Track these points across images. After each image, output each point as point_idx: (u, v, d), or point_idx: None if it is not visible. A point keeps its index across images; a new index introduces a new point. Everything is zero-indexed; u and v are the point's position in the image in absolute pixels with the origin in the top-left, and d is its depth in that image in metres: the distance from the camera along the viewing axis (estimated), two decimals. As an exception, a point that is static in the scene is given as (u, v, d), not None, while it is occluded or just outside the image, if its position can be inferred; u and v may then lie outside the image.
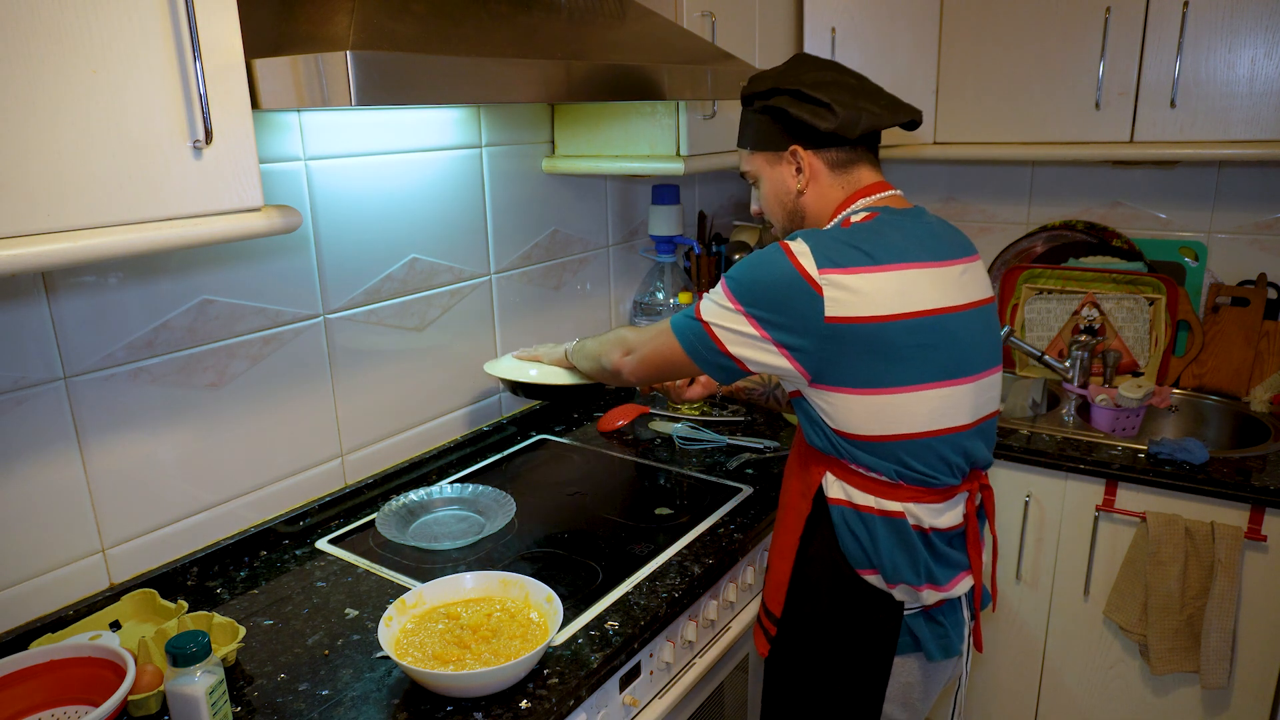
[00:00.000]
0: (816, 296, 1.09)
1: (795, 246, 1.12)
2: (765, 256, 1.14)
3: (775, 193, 1.29)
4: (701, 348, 1.18)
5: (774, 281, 1.11)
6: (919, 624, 1.22)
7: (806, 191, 1.26)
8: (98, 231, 0.88)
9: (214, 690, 0.99)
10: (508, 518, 1.52)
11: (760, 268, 1.13)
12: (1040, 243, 2.43)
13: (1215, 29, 1.87)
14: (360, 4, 1.04)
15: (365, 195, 1.56)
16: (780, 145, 1.25)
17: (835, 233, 1.15)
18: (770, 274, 1.12)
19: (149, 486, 1.32)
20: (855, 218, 1.20)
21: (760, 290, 1.13)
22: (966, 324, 1.18)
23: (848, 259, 1.11)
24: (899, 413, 1.14)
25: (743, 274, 1.15)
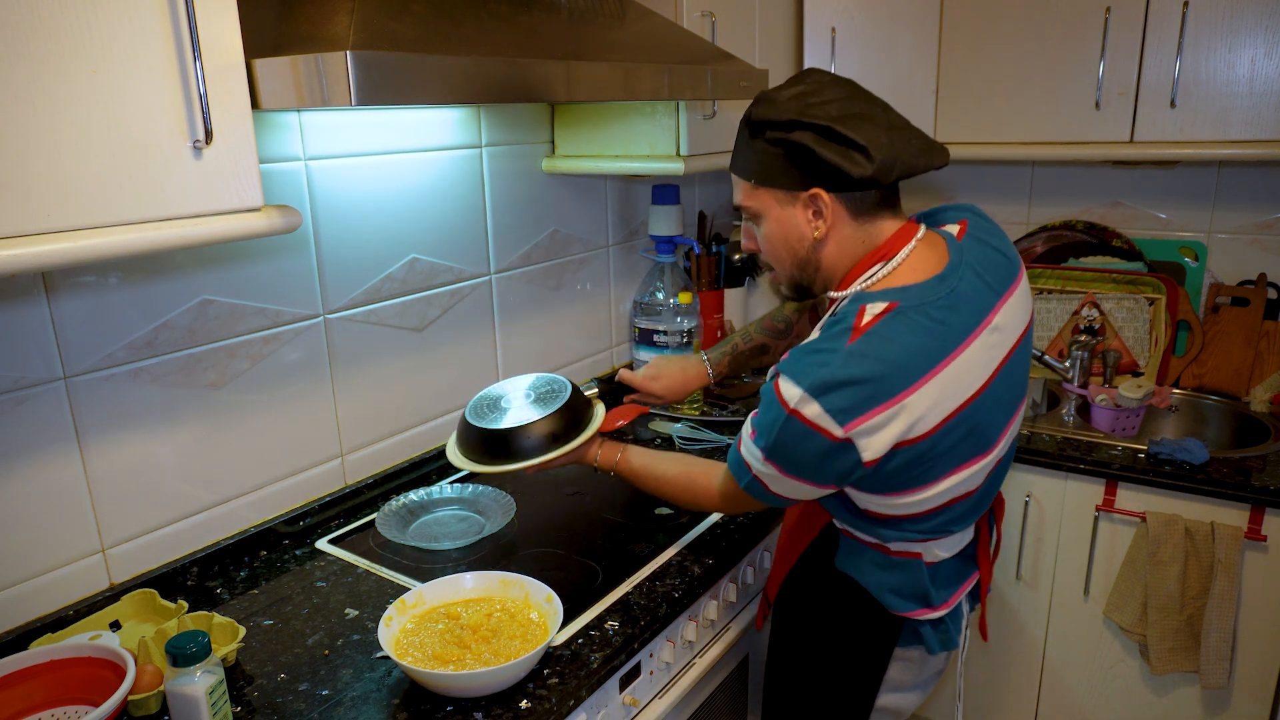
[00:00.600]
0: (850, 448, 1.02)
1: (808, 411, 1.01)
2: (785, 428, 1.04)
3: (785, 237, 1.14)
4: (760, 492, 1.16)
5: (806, 452, 1.05)
6: (921, 623, 1.23)
7: (826, 241, 1.11)
8: (98, 231, 0.88)
9: (214, 690, 0.99)
10: (508, 518, 1.52)
11: (786, 439, 1.05)
12: (1040, 243, 2.43)
13: (1215, 29, 1.87)
14: (360, 4, 1.04)
15: (365, 195, 1.56)
16: (797, 185, 1.09)
17: (843, 363, 1.01)
18: (799, 447, 1.05)
19: (149, 486, 1.32)
20: (870, 311, 1.04)
21: (794, 459, 1.07)
22: (1000, 387, 1.10)
23: (864, 401, 1.01)
24: (930, 498, 1.11)
25: (771, 443, 1.07)
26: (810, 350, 1.05)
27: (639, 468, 1.40)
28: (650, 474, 1.38)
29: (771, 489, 1.13)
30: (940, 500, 1.12)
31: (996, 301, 1.10)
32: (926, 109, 2.22)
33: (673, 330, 2.14)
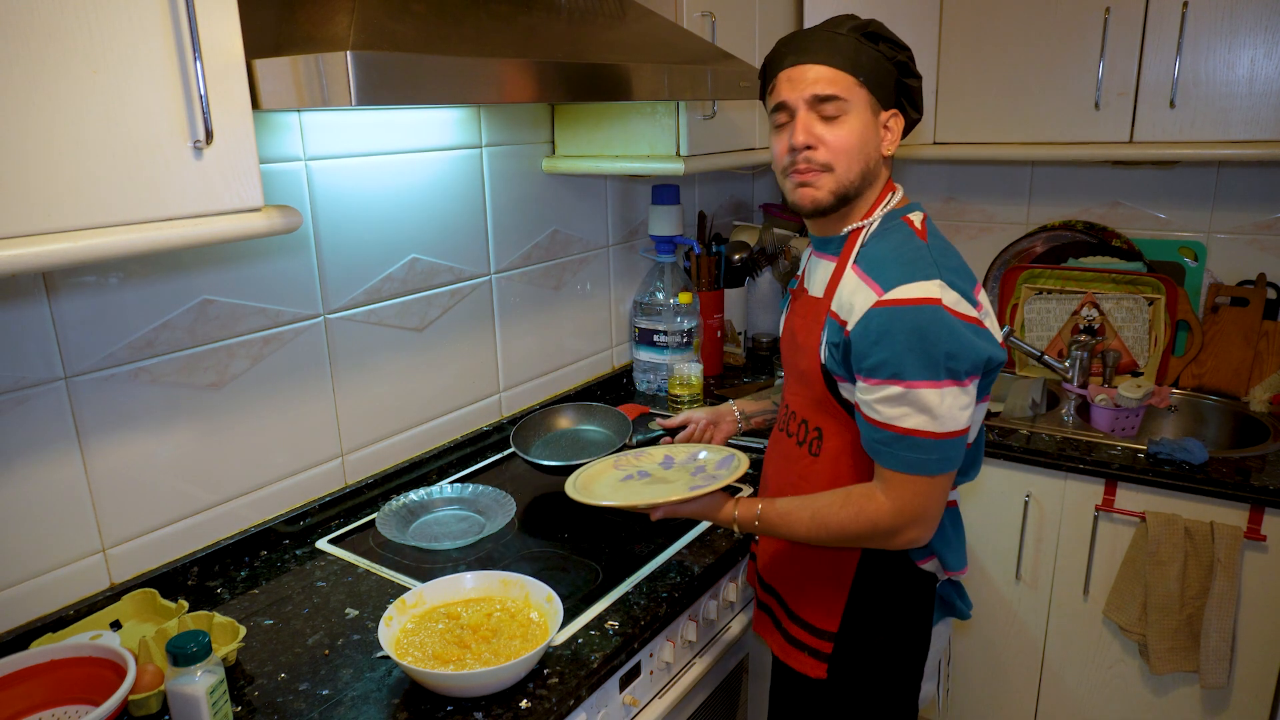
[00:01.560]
0: (984, 332, 1.11)
1: (948, 298, 1.07)
2: (943, 328, 1.06)
3: (864, 140, 1.15)
4: (960, 451, 1.13)
5: (972, 343, 1.08)
6: (948, 591, 1.28)
7: (884, 160, 1.20)
8: (98, 231, 0.88)
9: (214, 690, 0.99)
10: (508, 518, 1.52)
11: (952, 340, 1.06)
12: (1040, 243, 2.43)
13: (1215, 29, 1.87)
14: (360, 4, 1.04)
15: (365, 195, 1.56)
16: (890, 100, 1.17)
17: (940, 254, 1.13)
18: (964, 339, 1.07)
19: (149, 486, 1.32)
20: (915, 219, 1.18)
21: (972, 358, 1.08)
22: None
23: (968, 284, 1.13)
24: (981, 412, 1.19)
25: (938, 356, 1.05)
26: (903, 259, 1.11)
27: (783, 508, 1.21)
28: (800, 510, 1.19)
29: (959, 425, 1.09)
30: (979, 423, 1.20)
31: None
32: (926, 109, 2.22)
33: (673, 330, 2.14)
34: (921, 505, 1.13)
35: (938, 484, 1.12)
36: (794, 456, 1.28)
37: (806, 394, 1.25)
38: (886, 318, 1.07)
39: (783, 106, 1.16)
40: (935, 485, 1.12)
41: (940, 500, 1.14)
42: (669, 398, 2.08)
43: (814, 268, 1.27)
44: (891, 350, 1.06)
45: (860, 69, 1.13)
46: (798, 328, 1.25)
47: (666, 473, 1.41)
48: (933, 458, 1.10)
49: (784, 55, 1.17)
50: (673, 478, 1.38)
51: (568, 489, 1.33)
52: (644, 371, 2.22)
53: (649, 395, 2.20)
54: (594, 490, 1.35)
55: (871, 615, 1.24)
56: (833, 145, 1.14)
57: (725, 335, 2.39)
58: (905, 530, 1.14)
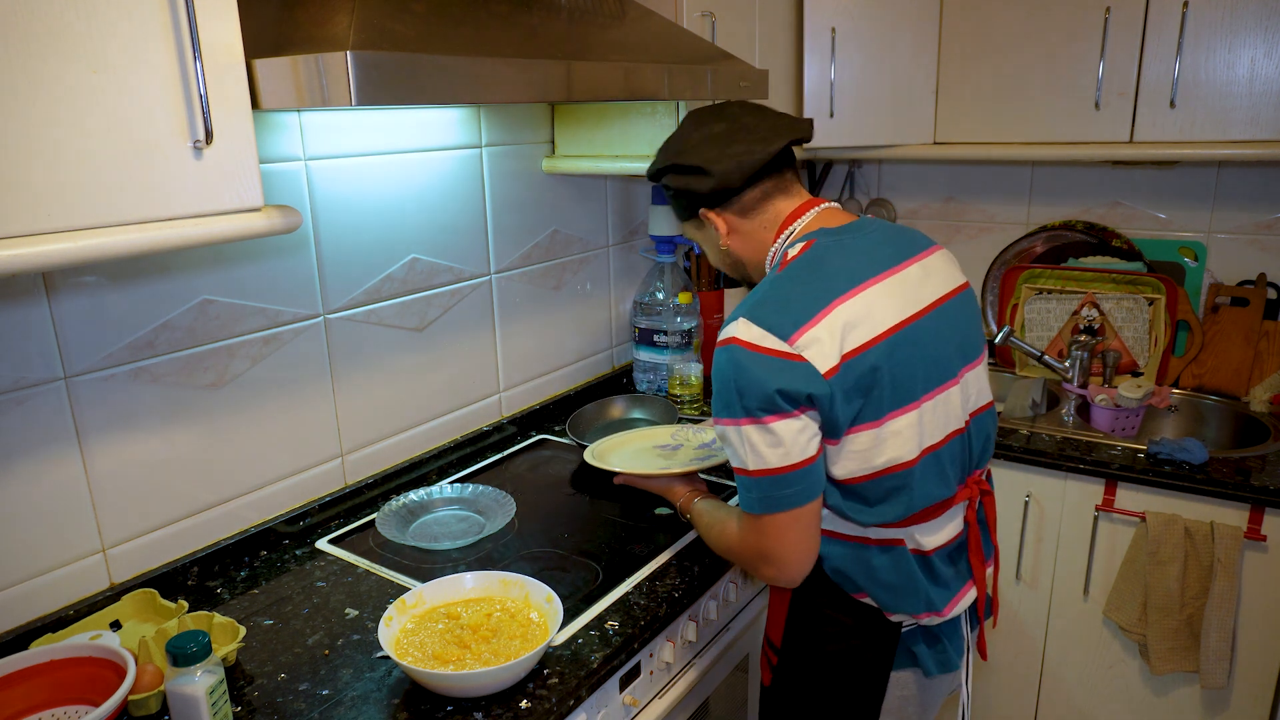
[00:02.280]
0: (803, 364, 1.04)
1: (750, 335, 1.06)
2: (731, 366, 1.07)
3: (712, 251, 1.31)
4: (790, 492, 1.08)
5: (762, 377, 1.04)
6: (916, 641, 1.20)
7: (731, 243, 1.26)
8: (98, 231, 0.88)
9: (214, 690, 0.99)
10: (508, 518, 1.52)
11: (740, 377, 1.06)
12: (1040, 243, 2.43)
13: (1215, 29, 1.87)
14: (360, 4, 1.04)
15: (365, 195, 1.56)
16: (691, 215, 1.27)
17: (773, 287, 1.11)
18: (753, 374, 1.05)
19: (149, 486, 1.32)
20: (791, 251, 1.16)
21: (756, 391, 1.05)
22: (935, 326, 1.14)
23: (800, 313, 1.06)
24: (890, 442, 1.09)
25: (730, 395, 1.07)
26: (741, 301, 1.13)
27: (699, 508, 1.39)
28: (702, 519, 1.37)
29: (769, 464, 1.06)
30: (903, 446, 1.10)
31: (914, 254, 1.19)
32: (926, 109, 2.22)
33: (673, 330, 2.14)
34: (762, 544, 1.13)
35: (773, 524, 1.10)
36: None
37: None
38: (714, 359, 1.12)
39: None
40: (770, 525, 1.11)
41: (785, 540, 1.11)
42: (669, 398, 2.08)
43: None
44: (714, 390, 1.11)
45: (674, 211, 1.31)
46: None
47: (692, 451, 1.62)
48: (753, 496, 1.10)
49: None
50: (683, 455, 1.60)
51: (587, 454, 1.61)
52: (644, 371, 2.22)
53: (649, 395, 2.20)
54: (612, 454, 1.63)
55: (809, 639, 1.22)
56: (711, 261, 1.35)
57: (725, 335, 2.39)
58: (756, 565, 1.16)
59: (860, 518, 1.13)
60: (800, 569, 1.14)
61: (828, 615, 1.20)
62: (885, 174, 2.68)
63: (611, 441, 1.65)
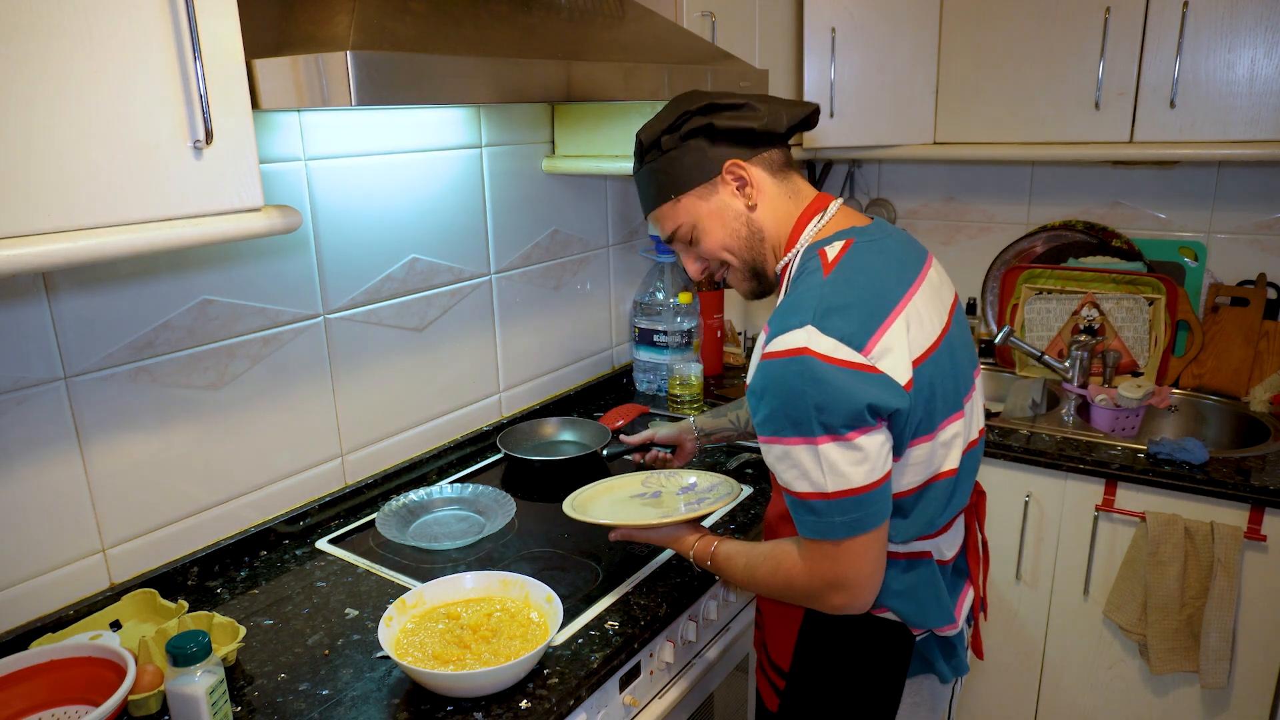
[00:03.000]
0: (880, 376, 0.97)
1: (822, 346, 0.96)
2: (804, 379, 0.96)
3: (723, 225, 1.13)
4: (873, 510, 1.00)
5: (842, 393, 0.96)
6: (930, 648, 1.17)
7: (759, 206, 1.12)
8: (98, 231, 0.88)
9: (214, 690, 0.99)
10: (508, 518, 1.52)
11: (818, 392, 0.96)
12: (1040, 243, 2.43)
13: (1215, 29, 1.87)
14: (360, 4, 1.04)
15: (365, 195, 1.56)
16: (713, 169, 1.11)
17: (832, 291, 1.01)
18: (831, 389, 0.96)
19: (149, 486, 1.32)
20: (831, 251, 1.06)
21: (838, 407, 0.96)
22: (957, 335, 1.13)
23: (868, 321, 0.99)
24: (941, 451, 1.06)
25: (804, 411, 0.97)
26: (790, 305, 1.02)
27: (727, 551, 1.21)
28: (737, 562, 1.19)
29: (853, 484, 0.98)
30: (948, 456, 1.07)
31: (925, 261, 1.15)
32: (926, 109, 2.22)
33: (673, 330, 2.14)
34: (836, 571, 1.03)
35: (851, 548, 1.01)
36: (776, 489, 1.19)
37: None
38: (763, 373, 1.01)
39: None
40: (848, 549, 1.02)
41: (863, 564, 1.03)
42: (669, 398, 2.08)
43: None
44: (770, 407, 1.00)
45: (667, 188, 1.13)
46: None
47: (672, 498, 1.47)
48: (835, 520, 1.00)
49: None
50: (669, 504, 1.43)
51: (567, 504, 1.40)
52: (644, 371, 2.22)
53: (649, 395, 2.20)
54: (591, 504, 1.44)
55: (822, 659, 1.17)
56: (707, 255, 1.17)
57: (725, 335, 2.39)
58: (825, 595, 1.05)
59: (895, 535, 1.08)
60: (873, 593, 1.05)
61: (846, 633, 1.15)
62: (885, 174, 2.68)
63: (585, 495, 1.46)
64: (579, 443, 1.87)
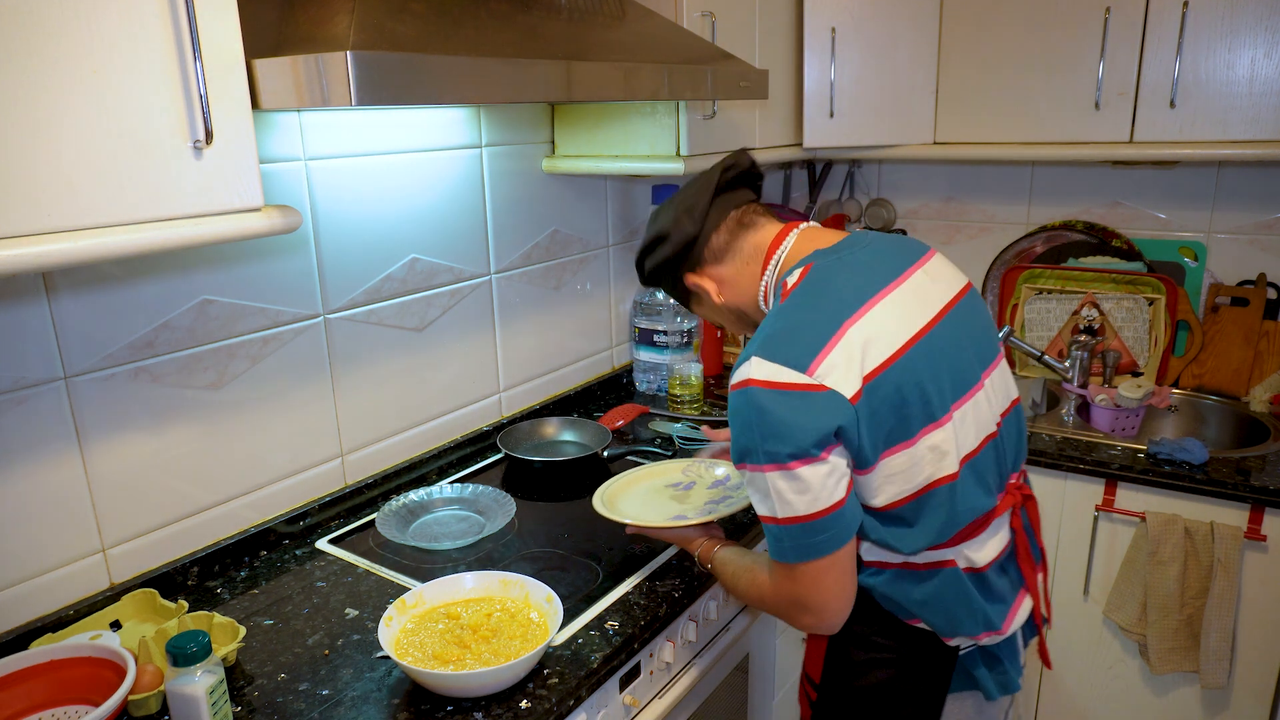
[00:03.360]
0: (827, 393, 0.99)
1: (764, 372, 1.00)
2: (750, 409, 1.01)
3: (715, 314, 1.30)
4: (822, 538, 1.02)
5: (788, 415, 0.98)
6: (975, 663, 1.15)
7: (726, 295, 1.23)
8: (98, 231, 0.88)
9: (214, 690, 0.99)
10: (508, 518, 1.52)
11: (762, 421, 1.00)
12: (1040, 243, 2.43)
13: (1215, 29, 1.87)
14: (360, 4, 1.04)
15: (365, 195, 1.56)
16: (682, 287, 1.27)
17: (779, 319, 1.05)
18: (777, 414, 0.99)
19: (149, 486, 1.32)
20: (790, 279, 1.11)
21: (782, 432, 0.99)
22: (950, 332, 1.10)
23: (813, 342, 1.01)
24: (928, 458, 1.04)
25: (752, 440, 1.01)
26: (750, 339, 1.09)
27: (723, 557, 1.27)
28: (726, 569, 1.25)
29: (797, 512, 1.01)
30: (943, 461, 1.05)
31: (912, 262, 1.15)
32: (926, 109, 2.22)
33: (673, 330, 2.14)
34: (796, 592, 1.06)
35: (807, 571, 1.04)
36: None
37: None
38: (729, 404, 1.07)
39: None
40: (804, 573, 1.04)
41: (820, 588, 1.05)
42: (669, 398, 2.08)
43: None
44: (733, 435, 1.05)
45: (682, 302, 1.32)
46: None
47: (704, 491, 1.51)
48: (786, 545, 1.04)
49: None
50: (696, 498, 1.48)
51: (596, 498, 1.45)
52: (644, 371, 2.22)
53: (649, 395, 2.20)
54: (623, 494, 1.50)
55: (853, 671, 1.16)
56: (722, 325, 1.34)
57: (725, 335, 2.39)
58: (793, 614, 1.10)
59: (903, 545, 1.08)
60: (840, 615, 1.08)
61: (877, 643, 1.14)
62: (885, 174, 2.68)
63: (621, 482, 1.52)
64: (579, 443, 1.87)
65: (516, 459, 1.77)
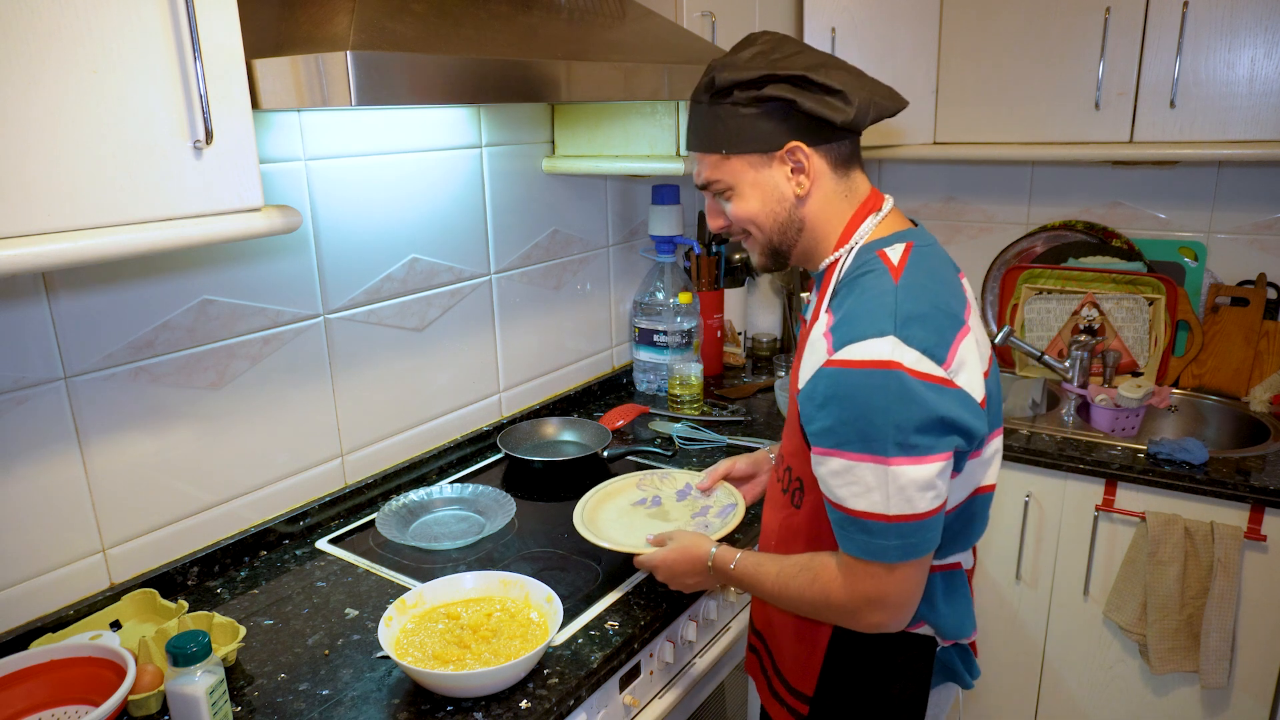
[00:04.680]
0: (958, 392, 0.94)
1: (905, 357, 0.91)
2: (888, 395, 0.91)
3: (763, 200, 1.06)
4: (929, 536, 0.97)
5: (929, 411, 0.92)
6: (952, 657, 1.15)
7: (809, 198, 1.05)
8: (98, 231, 0.88)
9: (214, 690, 0.99)
10: (508, 518, 1.52)
11: (900, 410, 0.91)
12: (1040, 243, 2.43)
13: (1215, 29, 1.87)
14: (360, 4, 1.04)
15: (365, 195, 1.56)
16: (774, 144, 1.03)
17: (907, 296, 0.96)
18: (919, 407, 0.91)
19: (149, 486, 1.32)
20: (893, 253, 1.01)
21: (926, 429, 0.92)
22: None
23: (944, 333, 0.95)
24: (987, 464, 1.05)
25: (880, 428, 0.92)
26: (862, 310, 0.96)
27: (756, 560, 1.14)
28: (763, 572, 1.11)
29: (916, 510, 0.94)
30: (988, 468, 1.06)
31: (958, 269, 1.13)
32: (926, 109, 2.22)
33: (673, 330, 2.14)
34: (881, 590, 0.98)
35: (901, 571, 0.97)
36: (780, 504, 1.17)
37: (792, 440, 1.11)
38: (831, 381, 0.95)
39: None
40: (897, 573, 0.97)
41: (909, 587, 0.99)
42: (669, 398, 2.08)
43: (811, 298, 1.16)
44: (835, 418, 0.95)
45: (720, 140, 1.05)
46: (796, 363, 1.10)
47: (674, 506, 1.48)
48: (891, 544, 0.95)
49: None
50: (675, 515, 1.45)
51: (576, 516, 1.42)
52: (644, 371, 2.22)
53: (649, 395, 2.20)
54: (600, 516, 1.46)
55: (851, 681, 1.13)
56: (736, 218, 1.09)
57: (725, 335, 2.39)
58: (864, 613, 1.01)
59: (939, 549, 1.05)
60: (912, 612, 1.02)
61: (875, 651, 1.11)
62: (885, 174, 2.68)
63: (590, 505, 1.46)
64: (579, 443, 1.87)
65: (516, 459, 1.77)
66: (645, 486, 1.53)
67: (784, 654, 1.19)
